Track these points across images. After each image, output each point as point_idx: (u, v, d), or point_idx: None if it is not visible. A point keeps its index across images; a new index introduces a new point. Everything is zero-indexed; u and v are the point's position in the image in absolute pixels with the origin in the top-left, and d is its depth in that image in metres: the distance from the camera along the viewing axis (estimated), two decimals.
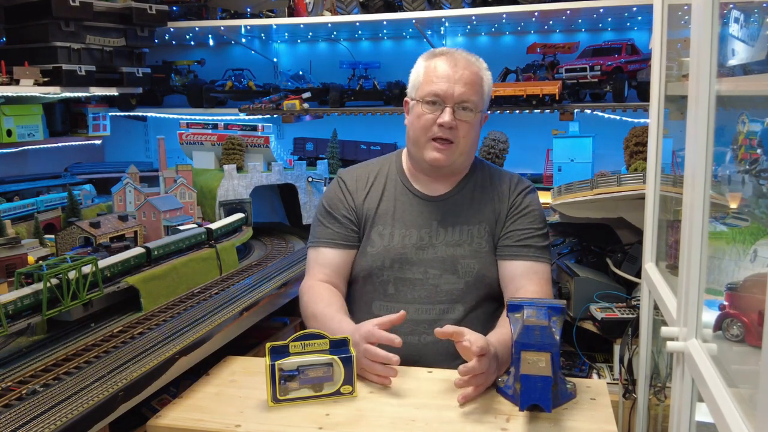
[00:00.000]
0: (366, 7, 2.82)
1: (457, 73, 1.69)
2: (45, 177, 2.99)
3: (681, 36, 1.52)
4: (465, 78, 1.69)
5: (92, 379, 1.40)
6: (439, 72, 1.70)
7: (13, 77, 2.28)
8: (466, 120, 1.70)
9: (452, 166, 1.77)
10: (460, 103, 1.68)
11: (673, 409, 1.20)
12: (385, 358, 1.48)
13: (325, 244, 1.83)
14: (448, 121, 1.67)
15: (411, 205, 1.81)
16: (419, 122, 1.72)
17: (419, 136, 1.73)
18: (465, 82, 1.68)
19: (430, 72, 1.72)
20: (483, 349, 1.39)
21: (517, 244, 1.76)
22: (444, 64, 1.71)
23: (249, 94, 3.18)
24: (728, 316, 1.02)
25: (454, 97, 1.68)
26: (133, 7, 2.71)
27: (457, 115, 1.69)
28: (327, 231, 1.84)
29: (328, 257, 1.82)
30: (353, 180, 1.88)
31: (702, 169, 1.07)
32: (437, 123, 1.69)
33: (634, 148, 2.38)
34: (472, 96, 1.69)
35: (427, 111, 1.70)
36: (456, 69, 1.69)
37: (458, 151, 1.73)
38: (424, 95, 1.70)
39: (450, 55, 1.74)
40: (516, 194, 1.81)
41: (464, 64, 1.71)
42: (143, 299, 1.85)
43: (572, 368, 2.12)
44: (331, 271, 1.81)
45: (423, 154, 1.74)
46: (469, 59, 1.74)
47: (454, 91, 1.68)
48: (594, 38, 3.03)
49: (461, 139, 1.71)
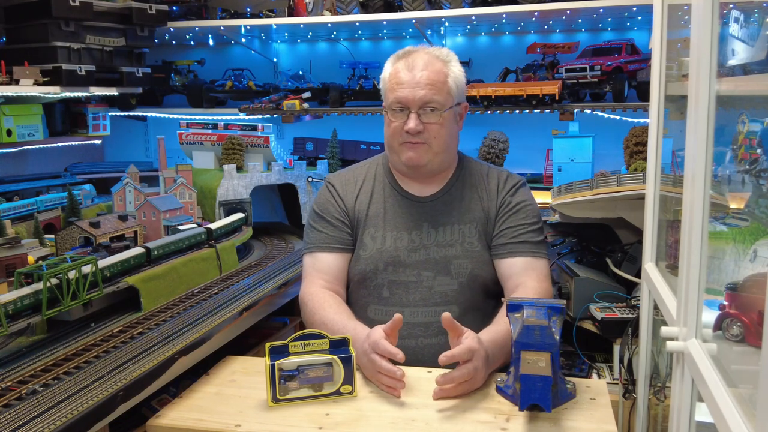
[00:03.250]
0: (366, 7, 2.82)
1: (416, 76, 1.67)
2: (45, 177, 2.98)
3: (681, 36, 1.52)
4: (425, 79, 1.67)
5: (92, 379, 1.40)
6: (400, 77, 1.69)
7: (13, 77, 2.28)
8: (433, 122, 1.69)
9: (430, 166, 1.76)
10: (424, 106, 1.68)
11: (673, 409, 1.20)
12: (387, 371, 1.44)
13: (320, 248, 1.81)
14: (412, 127, 1.67)
15: (401, 206, 1.81)
16: (389, 129, 1.74)
17: (391, 142, 1.75)
18: (425, 84, 1.67)
19: (393, 78, 1.72)
20: (471, 352, 1.40)
21: (513, 241, 1.75)
22: (403, 69, 1.70)
23: (249, 94, 3.18)
24: (728, 316, 1.02)
25: (416, 101, 1.67)
26: (133, 7, 2.71)
27: (423, 118, 1.68)
28: (321, 235, 1.82)
29: (326, 262, 1.80)
30: (342, 184, 1.87)
31: (702, 169, 1.07)
32: (404, 129, 1.69)
33: (634, 148, 2.38)
34: (435, 96, 1.68)
35: (393, 119, 1.71)
36: (414, 72, 1.68)
37: (432, 151, 1.72)
38: (389, 103, 1.72)
39: (409, 57, 1.72)
40: (505, 192, 1.80)
41: (423, 64, 1.69)
42: (143, 299, 1.85)
43: (572, 368, 2.12)
44: (330, 277, 1.79)
45: (399, 157, 1.75)
46: (430, 57, 1.71)
47: (416, 95, 1.67)
48: (594, 38, 3.03)
49: (433, 140, 1.71)
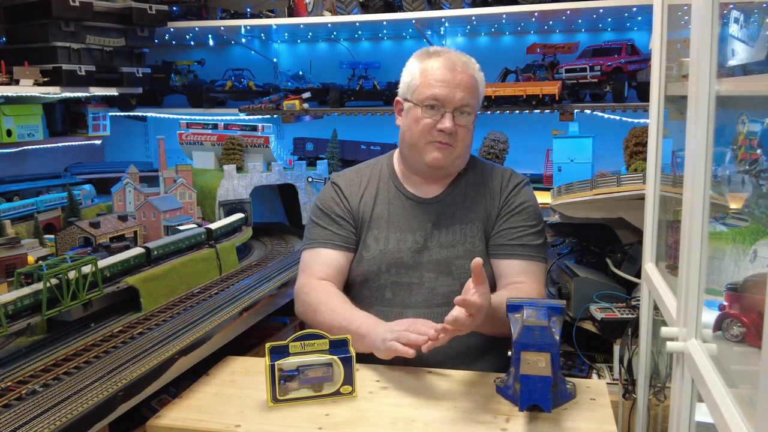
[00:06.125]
0: (366, 7, 2.82)
1: (456, 77, 1.67)
2: (45, 177, 2.98)
3: (681, 36, 1.52)
4: (464, 82, 1.67)
5: (92, 379, 1.40)
6: (437, 75, 1.68)
7: (13, 77, 2.28)
8: (464, 125, 1.69)
9: (450, 168, 1.76)
10: (459, 108, 1.67)
11: (672, 409, 1.20)
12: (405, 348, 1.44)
13: (323, 245, 1.80)
14: (449, 127, 1.66)
15: (404, 208, 1.80)
16: (418, 126, 1.70)
17: (417, 140, 1.71)
18: (464, 87, 1.67)
19: (428, 74, 1.69)
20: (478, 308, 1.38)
21: (512, 243, 1.75)
22: (442, 67, 1.68)
23: (249, 94, 3.18)
24: (728, 316, 1.02)
25: (454, 101, 1.66)
26: (133, 7, 2.71)
27: (456, 120, 1.68)
28: (325, 232, 1.81)
29: (328, 258, 1.78)
30: (347, 184, 1.86)
31: (702, 169, 1.07)
32: (437, 128, 1.67)
33: (634, 149, 2.38)
34: (471, 100, 1.68)
35: (426, 115, 1.68)
36: (455, 73, 1.67)
37: (455, 154, 1.72)
38: (423, 99, 1.68)
39: (446, 56, 1.71)
40: (509, 191, 1.79)
41: (462, 67, 1.70)
42: (143, 299, 1.85)
43: (572, 368, 2.12)
44: (332, 271, 1.77)
45: (422, 156, 1.72)
46: (465, 61, 1.72)
47: (455, 96, 1.66)
48: (594, 38, 3.03)
49: (459, 143, 1.71)
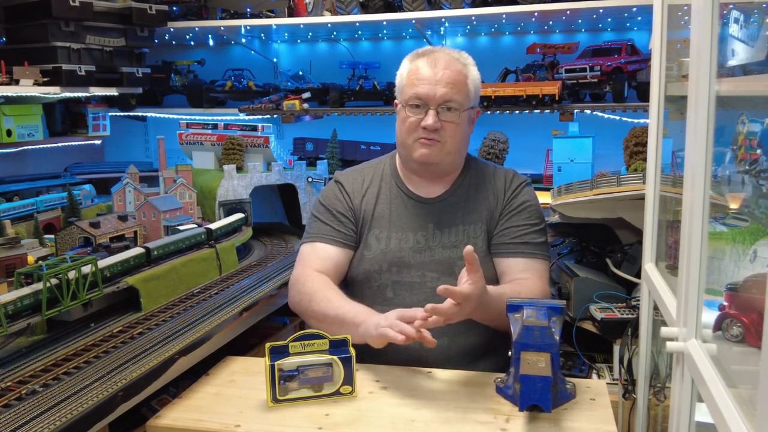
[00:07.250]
0: (366, 8, 2.82)
1: (438, 73, 1.68)
2: (45, 177, 2.98)
3: (681, 36, 1.52)
4: (446, 78, 1.68)
5: (92, 379, 1.40)
6: (420, 74, 1.70)
7: (13, 77, 2.27)
8: (450, 120, 1.70)
9: (441, 165, 1.76)
10: (443, 104, 1.68)
11: (672, 409, 1.20)
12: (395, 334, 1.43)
13: (323, 239, 1.80)
14: (431, 123, 1.67)
15: (406, 207, 1.81)
16: (404, 125, 1.73)
17: (405, 139, 1.74)
18: (447, 82, 1.68)
19: (412, 74, 1.72)
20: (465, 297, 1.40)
21: (514, 241, 1.75)
22: (425, 66, 1.70)
23: (249, 94, 3.18)
24: (728, 316, 1.02)
25: (436, 98, 1.67)
26: (133, 7, 2.71)
27: (441, 116, 1.69)
28: (326, 227, 1.81)
29: (327, 252, 1.79)
30: (350, 183, 1.87)
31: (702, 169, 1.07)
32: (421, 125, 1.69)
33: (633, 149, 2.38)
34: (455, 95, 1.68)
35: (411, 114, 1.71)
36: (436, 69, 1.69)
37: (446, 150, 1.72)
38: (407, 99, 1.71)
39: (431, 55, 1.73)
40: (512, 191, 1.80)
41: (445, 63, 1.70)
42: (143, 299, 1.85)
43: (572, 368, 2.12)
44: (329, 265, 1.77)
45: (411, 153, 1.74)
46: (451, 57, 1.72)
47: (436, 92, 1.67)
48: (594, 38, 3.03)
49: (448, 139, 1.71)
